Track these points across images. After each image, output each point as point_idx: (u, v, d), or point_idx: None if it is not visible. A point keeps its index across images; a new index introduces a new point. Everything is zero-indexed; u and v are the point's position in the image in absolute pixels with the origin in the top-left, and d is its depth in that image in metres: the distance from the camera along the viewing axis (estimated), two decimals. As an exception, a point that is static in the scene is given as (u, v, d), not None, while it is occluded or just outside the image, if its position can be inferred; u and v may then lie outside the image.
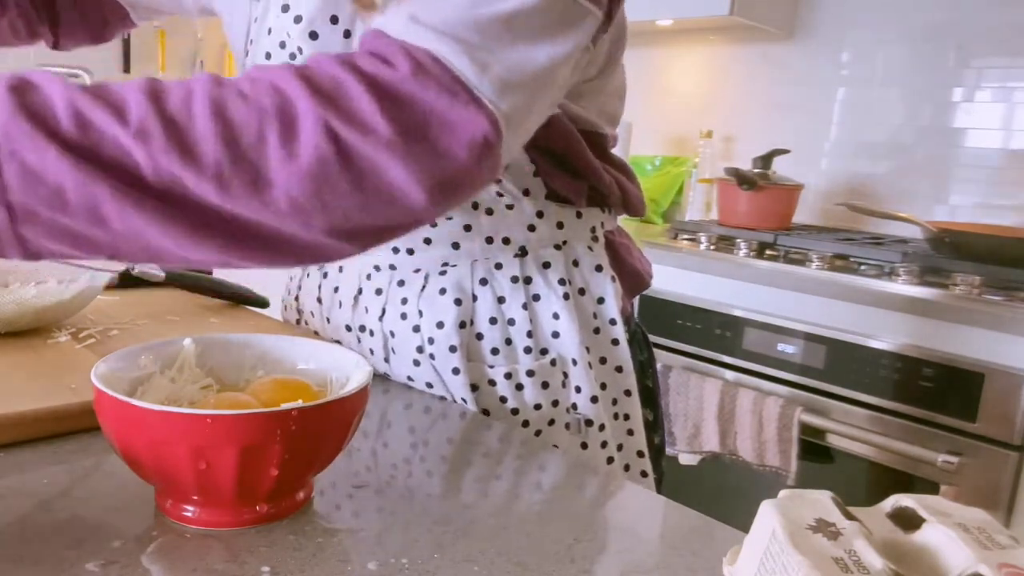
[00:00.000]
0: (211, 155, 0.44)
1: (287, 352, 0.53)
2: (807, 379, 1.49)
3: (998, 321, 1.27)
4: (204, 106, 0.45)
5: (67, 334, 0.71)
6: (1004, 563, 0.30)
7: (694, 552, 0.45)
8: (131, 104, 0.44)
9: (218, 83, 0.47)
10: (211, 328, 0.77)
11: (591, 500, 0.53)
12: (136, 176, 0.44)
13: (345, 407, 0.44)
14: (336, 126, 0.46)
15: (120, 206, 0.44)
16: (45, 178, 0.42)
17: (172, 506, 0.44)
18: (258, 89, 0.46)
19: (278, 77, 0.47)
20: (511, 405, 0.69)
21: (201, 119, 0.45)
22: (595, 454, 0.72)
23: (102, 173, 0.43)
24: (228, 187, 0.45)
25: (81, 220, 0.44)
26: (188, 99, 0.45)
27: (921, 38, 1.90)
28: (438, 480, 0.52)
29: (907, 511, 0.35)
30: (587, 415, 0.71)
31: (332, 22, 0.61)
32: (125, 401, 0.40)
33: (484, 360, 0.69)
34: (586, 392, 0.70)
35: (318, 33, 0.61)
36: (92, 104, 0.44)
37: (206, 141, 0.44)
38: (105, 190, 0.43)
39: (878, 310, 1.40)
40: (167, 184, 0.44)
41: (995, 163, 1.82)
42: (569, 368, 0.70)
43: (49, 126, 0.42)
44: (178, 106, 0.45)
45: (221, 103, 0.45)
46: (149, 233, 0.45)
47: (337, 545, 0.43)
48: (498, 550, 0.44)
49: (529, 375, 0.69)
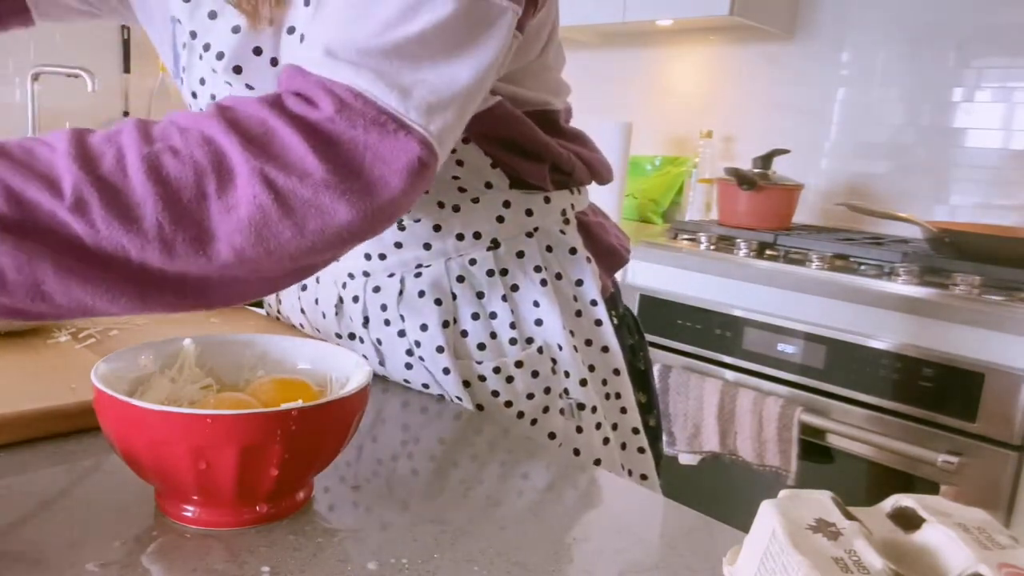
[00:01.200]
0: (151, 217, 0.44)
1: (287, 352, 0.53)
2: (807, 379, 1.49)
3: (998, 321, 1.27)
4: (138, 166, 0.44)
5: (67, 334, 0.71)
6: (1004, 563, 0.30)
7: (694, 552, 0.45)
8: (63, 173, 0.43)
9: (147, 137, 0.46)
10: (211, 328, 0.77)
11: (591, 500, 0.53)
12: (78, 248, 0.43)
13: (345, 407, 0.44)
14: (271, 174, 0.46)
15: (64, 281, 0.43)
16: None
17: (172, 506, 0.44)
18: (190, 142, 0.46)
19: (208, 126, 0.47)
20: (504, 398, 0.69)
21: (137, 180, 0.44)
22: (590, 436, 0.72)
23: (42, 250, 0.42)
24: (172, 248, 0.44)
25: (22, 298, 0.43)
26: (121, 159, 0.44)
27: (921, 38, 1.90)
28: (438, 480, 0.52)
29: (907, 511, 0.35)
30: (578, 399, 0.71)
31: (256, 53, 0.59)
32: (125, 401, 0.40)
33: (472, 357, 0.69)
34: (575, 376, 0.71)
35: (242, 68, 0.60)
36: (24, 179, 0.42)
37: (145, 203, 0.44)
38: (47, 267, 0.42)
39: (878, 310, 1.40)
40: (109, 253, 0.44)
41: (995, 163, 1.82)
42: (556, 354, 0.70)
43: None
44: (111, 168, 0.44)
45: (155, 161, 0.44)
46: (96, 302, 0.44)
47: (337, 545, 0.43)
48: (498, 550, 0.44)
49: (518, 366, 0.69)
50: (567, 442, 0.72)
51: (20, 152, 0.44)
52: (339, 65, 0.49)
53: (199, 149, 0.45)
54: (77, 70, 2.20)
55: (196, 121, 0.47)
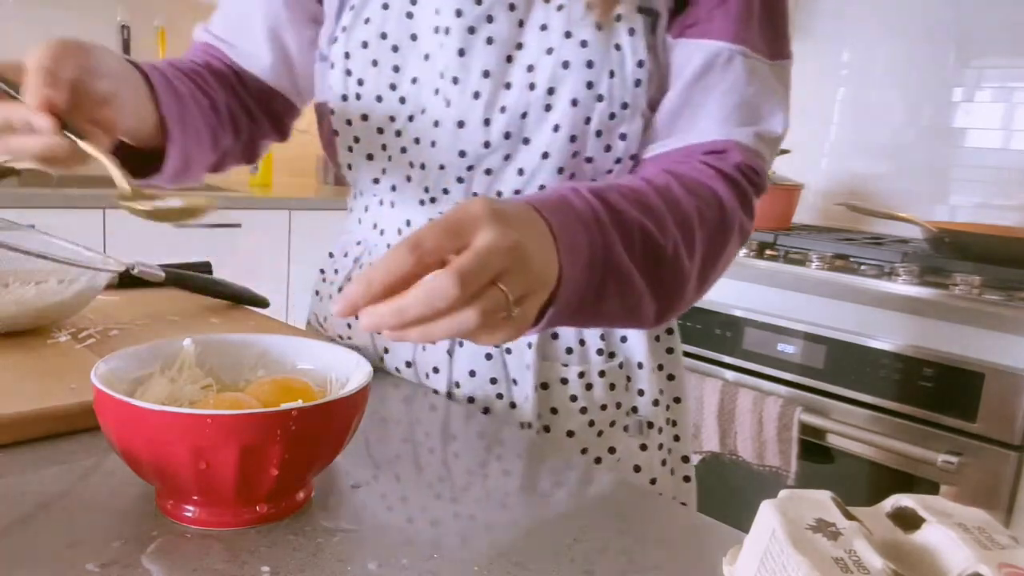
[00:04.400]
0: (699, 255, 0.60)
1: (287, 352, 0.53)
2: (807, 379, 1.49)
3: (998, 321, 1.27)
4: (699, 222, 0.60)
5: (67, 334, 0.71)
6: (1004, 563, 0.30)
7: (694, 552, 0.45)
8: (669, 226, 0.57)
9: (688, 191, 0.60)
10: (211, 328, 0.77)
11: (591, 500, 0.53)
12: (664, 279, 0.57)
13: (345, 407, 0.44)
14: (746, 225, 0.65)
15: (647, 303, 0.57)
16: (626, 291, 0.55)
17: (172, 506, 0.44)
18: (704, 200, 0.61)
19: (720, 192, 0.62)
20: (580, 404, 0.70)
21: (699, 231, 0.59)
22: (652, 456, 0.74)
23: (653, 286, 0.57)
24: (703, 281, 0.62)
25: (618, 318, 0.58)
26: (689, 220, 0.59)
27: (921, 38, 1.90)
28: (438, 480, 0.52)
29: (907, 511, 0.35)
30: (648, 417, 0.73)
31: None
32: (125, 401, 0.40)
33: (558, 359, 0.70)
34: (649, 395, 0.73)
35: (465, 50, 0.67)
36: (656, 231, 0.56)
37: (700, 244, 0.60)
38: (649, 301, 0.57)
39: (878, 310, 1.40)
40: (673, 286, 0.59)
41: (995, 163, 1.82)
42: (633, 371, 0.72)
43: (635, 251, 0.55)
44: (686, 217, 0.59)
45: (700, 216, 0.60)
46: (642, 308, 0.57)
47: (337, 545, 0.43)
48: (498, 550, 0.44)
49: (600, 375, 0.70)
50: (627, 458, 0.73)
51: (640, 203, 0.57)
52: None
53: (715, 210, 0.62)
54: (77, 70, 2.20)
55: (708, 183, 0.63)
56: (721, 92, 0.65)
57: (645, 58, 0.65)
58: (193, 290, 0.88)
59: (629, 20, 0.65)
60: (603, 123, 0.65)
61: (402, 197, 0.73)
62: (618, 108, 0.65)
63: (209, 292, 0.87)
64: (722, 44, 0.64)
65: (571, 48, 0.64)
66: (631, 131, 0.66)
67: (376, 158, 0.73)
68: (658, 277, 0.57)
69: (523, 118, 0.66)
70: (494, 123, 0.66)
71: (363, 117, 0.71)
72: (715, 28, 0.65)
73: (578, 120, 0.65)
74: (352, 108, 0.71)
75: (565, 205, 0.52)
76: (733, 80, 0.65)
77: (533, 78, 0.65)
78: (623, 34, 0.65)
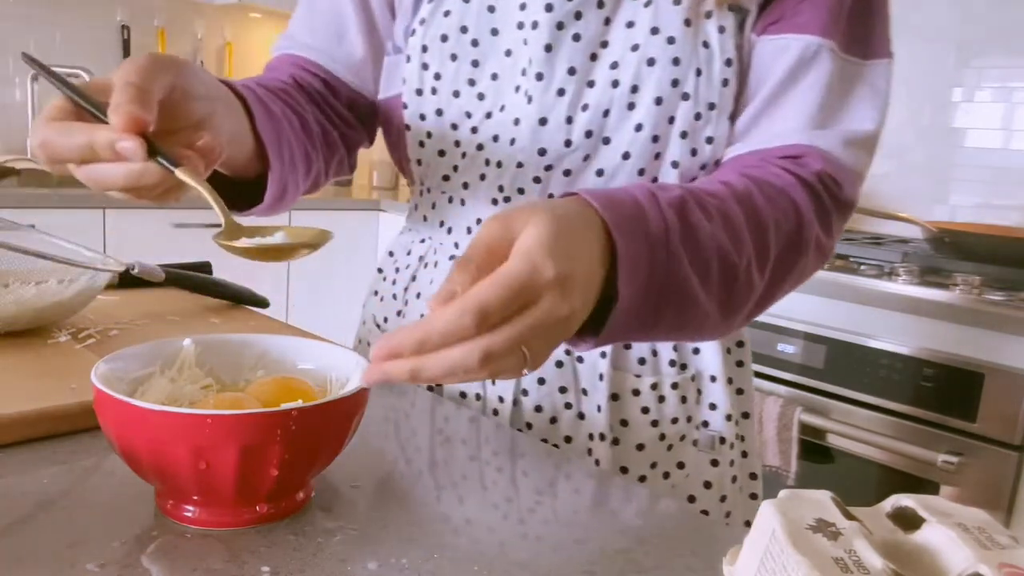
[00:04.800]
0: (768, 270, 0.57)
1: (287, 352, 0.53)
2: (807, 379, 1.49)
3: (998, 321, 1.27)
4: (775, 235, 0.57)
5: (67, 334, 0.71)
6: (1004, 563, 0.30)
7: (694, 552, 0.45)
8: (746, 241, 0.54)
9: (768, 199, 0.57)
10: (211, 328, 0.77)
11: (591, 500, 0.53)
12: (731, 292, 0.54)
13: (345, 407, 0.44)
14: (822, 240, 0.61)
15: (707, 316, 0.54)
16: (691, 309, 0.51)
17: (172, 506, 0.44)
18: (782, 211, 0.58)
19: (800, 202, 0.59)
20: (652, 416, 0.68)
21: (774, 246, 0.56)
22: (724, 472, 0.72)
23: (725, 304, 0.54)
24: (769, 297, 0.59)
25: (673, 337, 0.55)
26: (766, 232, 0.56)
27: (921, 38, 1.90)
28: (438, 480, 0.52)
29: (907, 511, 0.35)
30: (721, 432, 0.71)
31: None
32: (125, 401, 0.40)
33: (630, 369, 0.68)
34: (722, 409, 0.71)
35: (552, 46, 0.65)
36: (724, 262, 0.53)
37: (773, 259, 0.57)
38: (712, 321, 0.54)
39: (878, 310, 1.40)
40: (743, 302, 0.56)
41: (995, 163, 1.82)
42: (705, 385, 0.70)
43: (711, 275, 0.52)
44: (764, 229, 0.56)
45: (777, 228, 0.57)
46: (703, 327, 0.54)
47: (337, 545, 0.43)
48: (498, 550, 0.44)
49: (673, 388, 0.69)
50: (696, 474, 0.71)
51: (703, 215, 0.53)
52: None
53: (792, 219, 0.59)
54: (77, 70, 2.20)
55: (787, 191, 0.60)
56: (804, 92, 0.62)
57: (733, 57, 0.63)
58: (193, 290, 0.88)
59: (720, 17, 0.62)
60: (688, 123, 0.63)
61: (474, 195, 0.71)
62: (704, 108, 0.63)
63: (209, 292, 0.87)
64: (810, 38, 0.61)
65: (657, 44, 0.62)
66: (718, 135, 0.64)
67: (448, 154, 0.71)
68: (726, 296, 0.54)
69: (605, 116, 0.64)
70: (576, 121, 0.64)
71: (438, 112, 0.69)
72: (802, 22, 0.62)
73: (661, 119, 0.63)
74: (427, 103, 0.69)
75: (639, 219, 0.48)
76: (818, 79, 0.62)
77: (617, 75, 0.63)
78: (712, 31, 0.62)
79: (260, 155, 0.61)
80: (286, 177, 0.63)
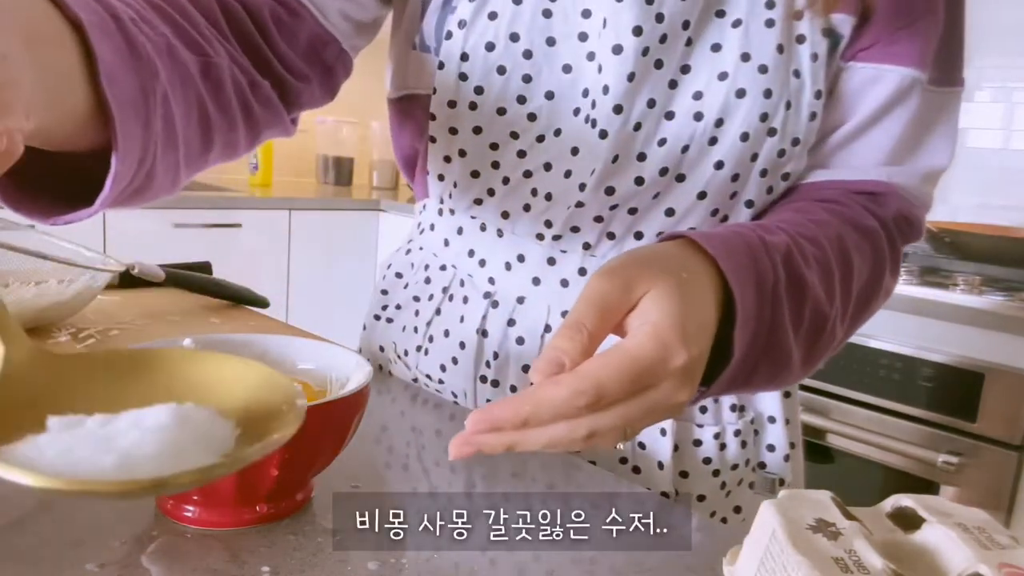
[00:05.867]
0: (848, 320, 0.55)
1: (287, 352, 0.53)
2: (807, 379, 1.49)
3: (998, 321, 1.27)
4: (857, 284, 0.55)
5: (67, 334, 0.71)
6: (1004, 563, 0.30)
7: (694, 552, 0.45)
8: (836, 291, 0.52)
9: (855, 247, 0.55)
10: (211, 328, 0.77)
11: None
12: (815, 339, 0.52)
13: (345, 407, 0.44)
14: (890, 286, 0.60)
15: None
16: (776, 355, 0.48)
17: (172, 506, 0.44)
18: (866, 258, 0.56)
19: (882, 248, 0.58)
20: (714, 466, 0.64)
21: (855, 297, 0.55)
22: None
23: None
24: (845, 339, 0.56)
25: (766, 386, 0.52)
26: (851, 283, 0.54)
27: (921, 38, 1.90)
28: (437, 480, 0.52)
29: (907, 511, 0.35)
30: (780, 473, 0.68)
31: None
32: (125, 401, 0.40)
33: (692, 419, 0.64)
34: (780, 450, 0.67)
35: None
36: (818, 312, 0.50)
37: (852, 309, 0.55)
38: (795, 372, 0.51)
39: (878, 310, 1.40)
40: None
41: (995, 163, 1.82)
42: (763, 426, 0.67)
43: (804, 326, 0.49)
44: (851, 279, 0.54)
45: (859, 277, 0.55)
46: (788, 380, 0.51)
47: (337, 545, 0.43)
48: (498, 550, 0.44)
49: (736, 435, 0.65)
50: (751, 516, 0.68)
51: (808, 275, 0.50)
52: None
53: (871, 262, 0.58)
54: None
55: (858, 234, 0.58)
56: (890, 125, 0.58)
57: (823, 89, 0.57)
58: (193, 290, 0.88)
59: (813, 43, 0.55)
60: (770, 161, 0.57)
61: (515, 227, 0.62)
62: (789, 144, 0.56)
63: (209, 292, 0.87)
64: (905, 71, 0.57)
65: (748, 73, 0.55)
66: (795, 170, 0.59)
67: (484, 176, 0.61)
68: (811, 347, 0.51)
69: (683, 152, 0.56)
70: (650, 157, 0.56)
71: (476, 130, 0.59)
72: (898, 51, 0.56)
73: (744, 156, 0.56)
74: (463, 118, 0.59)
75: (752, 269, 0.45)
76: (905, 112, 0.58)
77: (700, 107, 0.55)
78: (804, 59, 0.55)
79: (108, 120, 0.38)
80: (151, 151, 0.41)
